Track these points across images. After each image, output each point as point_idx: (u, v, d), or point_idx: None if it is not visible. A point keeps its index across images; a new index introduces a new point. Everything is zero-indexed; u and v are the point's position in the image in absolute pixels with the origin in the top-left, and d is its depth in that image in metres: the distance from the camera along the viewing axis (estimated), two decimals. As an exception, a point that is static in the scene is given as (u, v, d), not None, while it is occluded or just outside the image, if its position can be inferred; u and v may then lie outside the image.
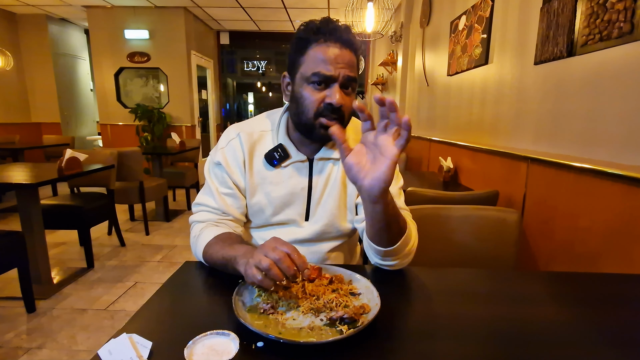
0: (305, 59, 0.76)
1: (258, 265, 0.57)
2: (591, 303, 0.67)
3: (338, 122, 0.77)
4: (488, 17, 1.95)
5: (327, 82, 0.75)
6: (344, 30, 0.76)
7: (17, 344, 1.62)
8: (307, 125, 0.79)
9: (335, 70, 0.74)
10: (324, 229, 0.87)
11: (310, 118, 0.77)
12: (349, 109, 0.79)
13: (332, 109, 0.75)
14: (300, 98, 0.77)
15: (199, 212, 0.86)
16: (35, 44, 5.12)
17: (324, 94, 0.76)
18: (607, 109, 1.15)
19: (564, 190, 1.29)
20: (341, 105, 0.75)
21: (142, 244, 2.93)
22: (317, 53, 0.75)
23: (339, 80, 0.75)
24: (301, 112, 0.78)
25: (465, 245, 1.12)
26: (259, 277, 0.56)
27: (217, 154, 0.87)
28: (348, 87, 0.77)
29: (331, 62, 0.74)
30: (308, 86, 0.76)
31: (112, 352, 0.47)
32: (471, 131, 2.21)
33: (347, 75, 0.75)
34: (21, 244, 1.79)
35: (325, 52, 0.74)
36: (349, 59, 0.76)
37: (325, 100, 0.75)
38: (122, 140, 5.08)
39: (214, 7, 4.82)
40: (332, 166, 0.87)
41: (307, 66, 0.76)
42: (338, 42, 0.75)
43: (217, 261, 0.72)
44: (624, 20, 1.06)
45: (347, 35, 0.76)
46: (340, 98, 0.74)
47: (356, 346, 0.51)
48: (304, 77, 0.76)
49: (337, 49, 0.75)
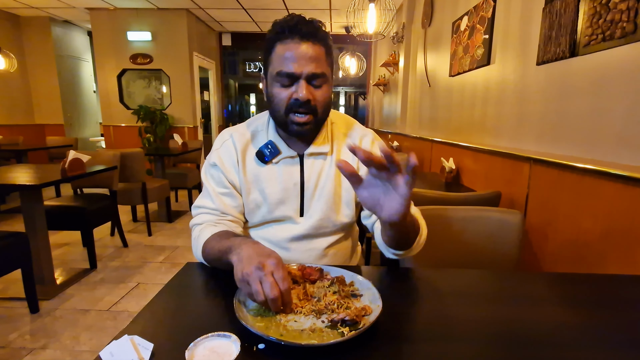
0: (272, 58, 0.77)
1: (251, 292, 0.56)
2: (595, 304, 0.66)
3: (310, 116, 0.78)
4: (490, 17, 1.95)
5: (293, 79, 0.76)
6: (306, 24, 0.76)
7: (20, 344, 1.62)
8: (282, 123, 0.81)
9: (299, 67, 0.75)
10: (320, 223, 0.88)
11: (282, 115, 0.79)
12: (322, 102, 0.80)
13: (299, 104, 0.76)
14: (272, 96, 0.79)
15: (198, 215, 0.87)
16: (39, 46, 5.16)
17: (291, 91, 0.77)
18: (610, 109, 1.15)
19: (567, 191, 1.29)
20: (308, 99, 0.76)
21: (145, 245, 2.94)
22: (280, 51, 0.76)
23: (303, 77, 0.75)
24: (275, 110, 0.80)
25: (467, 246, 1.11)
26: (247, 291, 0.57)
27: (212, 155, 0.89)
28: (317, 82, 0.77)
29: (293, 59, 0.74)
30: (276, 84, 0.78)
31: (114, 354, 0.47)
32: (473, 132, 2.21)
33: (312, 72, 0.75)
34: (25, 244, 1.80)
35: (288, 49, 0.75)
36: (313, 53, 0.75)
37: (292, 97, 0.76)
38: (125, 142, 5.11)
39: (215, 8, 4.84)
40: (323, 161, 0.88)
41: (273, 66, 0.77)
42: (300, 37, 0.75)
43: (214, 256, 0.73)
44: (627, 20, 1.05)
45: (309, 28, 0.76)
46: (307, 93, 0.75)
47: (358, 348, 0.51)
48: (272, 76, 0.78)
49: (298, 44, 0.75)
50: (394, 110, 4.19)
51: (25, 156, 3.91)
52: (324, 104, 0.80)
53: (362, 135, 0.92)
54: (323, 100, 0.80)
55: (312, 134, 0.86)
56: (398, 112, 3.93)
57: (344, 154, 0.89)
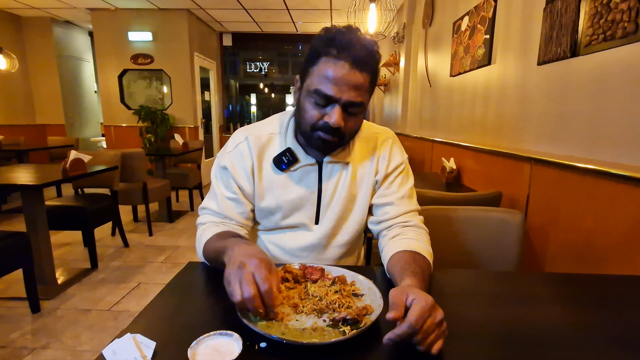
0: (313, 71, 0.72)
1: (231, 293, 0.55)
2: (596, 305, 0.66)
3: (337, 138, 0.75)
4: (491, 17, 1.95)
5: (329, 101, 0.71)
6: (360, 48, 0.69)
7: (21, 344, 1.63)
8: (305, 135, 0.78)
9: (339, 92, 0.70)
10: (334, 232, 0.87)
11: (308, 130, 0.76)
12: (351, 130, 0.77)
13: (329, 129, 0.73)
14: (302, 109, 0.76)
15: (203, 215, 0.87)
16: (40, 47, 5.17)
17: (324, 112, 0.73)
18: (611, 109, 1.15)
19: (568, 191, 1.29)
20: (339, 127, 0.72)
21: (146, 244, 2.94)
22: (323, 68, 0.70)
23: (341, 103, 0.71)
24: (302, 122, 0.77)
25: (468, 247, 1.11)
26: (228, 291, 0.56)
27: (224, 157, 0.85)
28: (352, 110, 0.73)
29: (336, 82, 0.69)
30: (311, 99, 0.73)
31: (116, 352, 0.47)
32: (474, 132, 2.21)
33: (350, 101, 0.70)
34: (26, 244, 1.80)
35: (332, 69, 0.69)
36: (357, 82, 0.70)
37: (324, 119, 0.73)
38: (126, 142, 5.11)
39: (216, 8, 4.85)
40: (342, 169, 0.86)
41: (312, 79, 0.72)
42: (349, 60, 0.69)
43: (212, 256, 0.73)
44: (628, 20, 1.05)
45: (362, 54, 0.69)
46: (339, 120, 0.71)
47: (359, 347, 0.51)
48: (308, 90, 0.73)
49: (346, 68, 0.69)
50: (395, 110, 4.19)
51: (26, 156, 3.91)
52: (354, 131, 0.78)
53: (383, 140, 0.89)
54: (354, 128, 0.77)
55: (333, 151, 0.84)
56: (399, 112, 3.93)
57: (363, 160, 0.87)
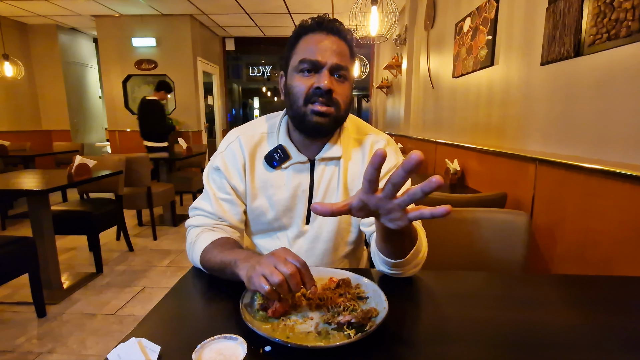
0: (296, 50, 0.77)
1: (267, 277, 0.54)
2: (603, 306, 0.65)
3: (331, 108, 0.75)
4: (493, 18, 1.94)
5: (316, 68, 0.74)
6: (332, 21, 0.76)
7: (28, 348, 1.64)
8: (299, 116, 0.77)
9: (323, 57, 0.73)
10: (326, 231, 0.86)
11: (301, 106, 0.75)
12: (344, 97, 0.77)
13: (320, 93, 0.73)
14: (291, 88, 0.76)
15: (195, 217, 0.85)
16: (46, 53, 5.24)
17: (312, 80, 0.74)
18: (616, 108, 1.14)
19: (573, 192, 1.27)
20: (330, 89, 0.73)
21: (150, 248, 2.95)
22: (304, 44, 0.75)
23: (327, 67, 0.73)
24: (293, 102, 0.77)
25: (473, 248, 1.10)
26: (267, 287, 0.54)
27: (216, 158, 0.86)
28: (340, 75, 0.75)
29: (319, 49, 0.74)
30: (297, 75, 0.76)
31: (122, 356, 0.47)
32: (478, 133, 2.20)
33: (336, 64, 0.74)
34: (32, 249, 1.82)
35: (314, 40, 0.75)
36: (338, 47, 0.75)
37: (314, 85, 0.74)
38: (130, 147, 5.15)
39: (219, 14, 4.89)
40: (335, 167, 0.85)
41: (296, 57, 0.76)
42: (325, 31, 0.75)
43: (215, 266, 0.71)
44: (632, 19, 1.05)
45: (334, 24, 0.76)
46: (329, 82, 0.72)
47: (364, 350, 0.51)
48: (294, 68, 0.76)
49: (325, 37, 0.75)
50: (398, 112, 4.19)
51: (32, 162, 3.96)
52: (345, 100, 0.77)
53: (375, 141, 0.88)
54: (344, 95, 0.77)
55: (328, 133, 0.82)
56: (402, 114, 3.93)
57: (355, 160, 0.86)
